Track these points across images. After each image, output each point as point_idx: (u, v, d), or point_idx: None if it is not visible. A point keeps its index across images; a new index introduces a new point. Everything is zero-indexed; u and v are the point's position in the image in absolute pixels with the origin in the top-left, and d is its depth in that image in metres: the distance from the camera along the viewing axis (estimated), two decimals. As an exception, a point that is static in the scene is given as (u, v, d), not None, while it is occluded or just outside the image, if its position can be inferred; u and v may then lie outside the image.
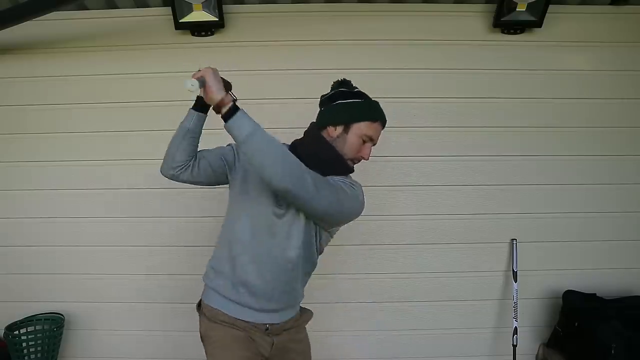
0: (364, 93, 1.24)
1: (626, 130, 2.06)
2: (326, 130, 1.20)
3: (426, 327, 2.18)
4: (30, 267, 2.11)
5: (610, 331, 1.84)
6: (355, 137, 1.18)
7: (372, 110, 1.22)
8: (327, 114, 1.21)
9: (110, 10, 1.98)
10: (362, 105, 1.21)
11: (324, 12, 1.98)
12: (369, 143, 1.21)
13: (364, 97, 1.22)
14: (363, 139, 1.19)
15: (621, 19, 2.00)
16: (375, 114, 1.21)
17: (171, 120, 2.01)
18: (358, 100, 1.21)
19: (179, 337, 2.14)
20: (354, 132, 1.18)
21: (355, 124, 1.18)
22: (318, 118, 1.24)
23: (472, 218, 2.10)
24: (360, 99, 1.21)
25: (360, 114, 1.19)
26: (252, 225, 1.17)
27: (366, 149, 1.20)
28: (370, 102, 1.23)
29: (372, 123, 1.19)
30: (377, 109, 1.23)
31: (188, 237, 2.09)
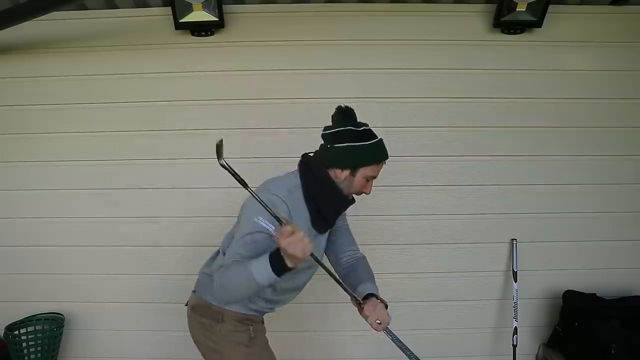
0: (370, 131, 1.25)
1: (626, 130, 2.06)
2: (333, 171, 1.22)
3: (426, 327, 2.18)
4: (30, 267, 2.11)
5: (610, 331, 1.84)
6: (361, 177, 1.22)
7: (378, 153, 1.24)
8: (334, 155, 1.21)
9: (110, 10, 1.98)
10: (369, 150, 1.22)
11: (323, 12, 1.98)
12: (370, 181, 1.26)
13: (370, 138, 1.23)
14: (367, 179, 1.24)
15: (621, 19, 2.00)
16: (381, 157, 1.24)
17: (171, 120, 2.03)
18: (365, 144, 1.21)
19: (179, 337, 2.14)
20: (360, 174, 1.22)
21: (359, 169, 1.22)
22: (324, 155, 1.24)
23: (472, 218, 2.10)
24: (367, 142, 1.22)
25: (368, 159, 1.22)
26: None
27: (369, 186, 1.26)
28: (377, 145, 1.24)
29: (377, 165, 1.24)
30: (383, 150, 1.25)
31: (188, 237, 2.09)
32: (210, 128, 2.03)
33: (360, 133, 1.22)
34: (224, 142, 1.05)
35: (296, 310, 2.03)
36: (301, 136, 1.87)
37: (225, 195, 2.04)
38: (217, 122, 2.02)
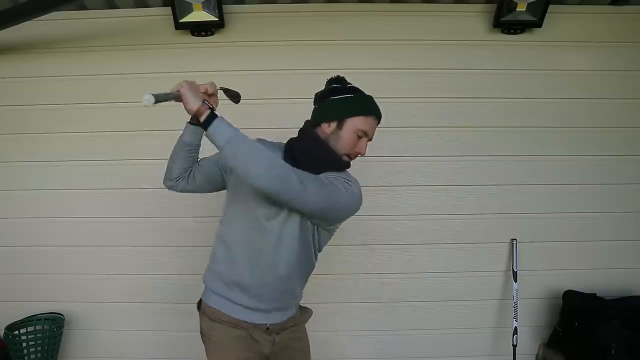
0: (357, 88, 1.23)
1: (626, 130, 2.06)
2: (320, 127, 1.19)
3: (426, 327, 2.18)
4: (30, 267, 2.11)
5: (610, 331, 1.84)
6: (349, 132, 1.16)
7: (365, 104, 1.20)
8: (320, 110, 1.21)
9: (110, 10, 1.98)
10: (354, 100, 1.19)
11: (323, 12, 1.98)
12: (364, 138, 1.19)
13: (356, 92, 1.21)
14: (358, 134, 1.17)
15: (621, 19, 2.00)
16: (368, 108, 1.20)
17: (171, 120, 2.02)
18: (350, 96, 1.20)
19: (179, 337, 2.14)
20: (347, 128, 1.16)
21: (348, 119, 1.16)
22: (312, 115, 1.25)
23: (472, 218, 2.10)
24: (353, 94, 1.20)
25: (353, 108, 1.18)
26: (243, 227, 1.17)
27: (361, 144, 1.19)
28: (363, 97, 1.22)
29: (365, 117, 1.18)
30: (371, 103, 1.21)
31: (188, 237, 2.09)
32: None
33: (347, 88, 1.21)
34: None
35: (296, 310, 2.03)
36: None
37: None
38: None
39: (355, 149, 1.18)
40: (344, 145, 1.17)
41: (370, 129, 1.20)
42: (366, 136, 1.19)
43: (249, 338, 1.18)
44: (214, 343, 1.22)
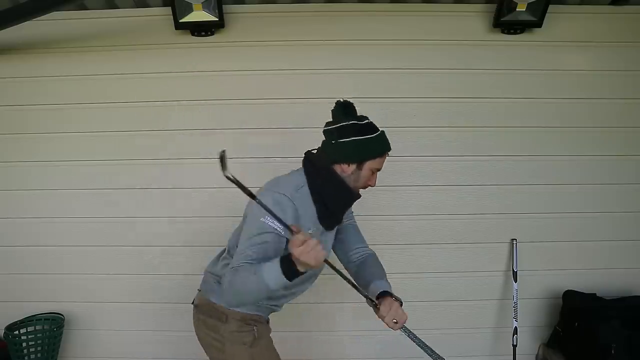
0: (372, 124, 1.24)
1: (626, 130, 2.06)
2: (340, 166, 1.22)
3: (426, 327, 2.17)
4: (30, 267, 2.11)
5: (610, 331, 1.84)
6: (367, 171, 1.23)
7: (383, 145, 1.25)
8: (341, 150, 1.20)
9: (110, 10, 1.98)
10: (374, 143, 1.22)
11: (323, 12, 1.98)
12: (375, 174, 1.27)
13: (374, 131, 1.23)
14: (373, 171, 1.25)
15: (621, 19, 2.00)
16: (385, 148, 1.25)
17: (171, 120, 2.03)
18: (370, 137, 1.21)
19: (179, 337, 2.14)
20: (367, 167, 1.23)
21: (365, 163, 1.22)
22: (329, 151, 1.22)
23: (472, 218, 2.10)
24: (372, 134, 1.22)
25: (374, 151, 1.22)
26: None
27: (374, 178, 1.27)
28: (381, 137, 1.24)
29: (382, 157, 1.24)
30: (386, 142, 1.26)
31: (188, 237, 2.09)
32: (210, 128, 2.03)
33: (364, 126, 1.22)
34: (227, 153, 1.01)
35: (295, 310, 2.03)
36: (301, 136, 1.86)
37: (226, 195, 2.04)
38: (217, 122, 2.02)
39: (368, 183, 1.26)
40: (362, 183, 1.25)
41: (382, 166, 1.27)
42: (379, 170, 1.27)
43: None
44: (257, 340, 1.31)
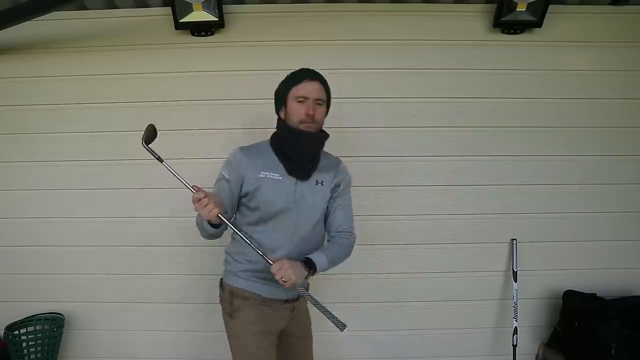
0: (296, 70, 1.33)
1: (626, 130, 2.06)
2: (279, 116, 1.36)
3: (426, 327, 2.18)
4: (30, 267, 2.11)
5: (610, 331, 1.84)
6: (292, 104, 1.28)
7: (294, 74, 1.31)
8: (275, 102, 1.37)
9: (110, 10, 1.98)
10: (289, 77, 1.33)
11: (323, 12, 1.98)
12: (306, 102, 1.27)
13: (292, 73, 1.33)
14: (298, 101, 1.27)
15: (621, 19, 2.00)
16: (295, 77, 1.30)
17: (171, 120, 2.03)
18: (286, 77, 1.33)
19: (179, 337, 2.14)
20: (290, 103, 1.29)
21: (287, 98, 1.30)
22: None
23: (472, 218, 2.10)
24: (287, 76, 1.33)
25: (286, 84, 1.31)
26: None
27: (305, 107, 1.27)
28: (292, 73, 1.32)
29: (297, 85, 1.28)
30: (300, 71, 1.31)
31: (189, 237, 2.09)
32: (210, 128, 2.03)
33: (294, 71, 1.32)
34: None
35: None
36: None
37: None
38: (217, 122, 2.02)
39: (303, 114, 1.26)
40: (294, 117, 1.28)
41: (308, 91, 1.27)
42: (307, 99, 1.27)
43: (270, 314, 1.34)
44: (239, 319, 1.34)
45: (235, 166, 1.31)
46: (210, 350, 2.13)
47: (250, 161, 1.30)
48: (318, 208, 1.34)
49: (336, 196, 1.38)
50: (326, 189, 1.35)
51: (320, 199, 1.34)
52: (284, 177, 1.29)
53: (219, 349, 2.09)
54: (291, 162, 1.30)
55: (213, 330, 2.08)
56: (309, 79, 1.28)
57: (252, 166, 1.29)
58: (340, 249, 1.35)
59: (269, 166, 1.30)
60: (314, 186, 1.32)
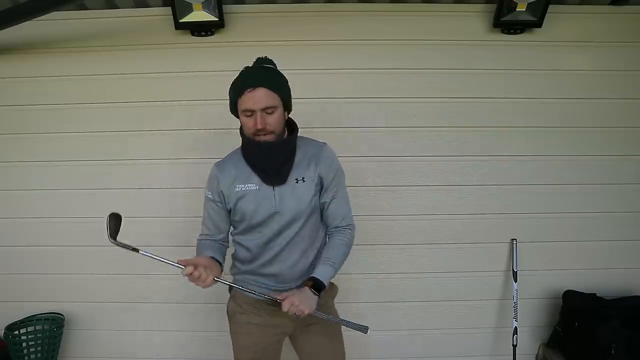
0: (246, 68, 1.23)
1: (626, 130, 2.06)
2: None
3: (426, 327, 2.18)
4: (30, 267, 2.11)
5: (610, 331, 1.84)
6: (241, 117, 1.20)
7: (234, 84, 1.20)
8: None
9: (110, 10, 1.98)
10: (231, 86, 1.21)
11: (323, 12, 1.98)
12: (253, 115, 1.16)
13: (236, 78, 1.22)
14: (246, 115, 1.17)
15: (621, 19, 2.00)
16: (236, 87, 1.18)
17: (171, 120, 2.03)
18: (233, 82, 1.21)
19: (179, 337, 2.15)
20: (240, 116, 1.21)
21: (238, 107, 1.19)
22: None
23: (472, 218, 2.10)
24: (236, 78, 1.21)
25: (231, 97, 1.20)
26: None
27: (253, 120, 1.16)
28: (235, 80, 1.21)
29: (240, 97, 1.17)
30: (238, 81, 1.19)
31: (188, 237, 2.09)
32: (211, 128, 2.03)
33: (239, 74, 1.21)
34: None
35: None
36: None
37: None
38: (217, 122, 2.02)
39: (249, 127, 1.18)
40: (246, 130, 1.21)
41: (253, 104, 1.15)
42: (253, 112, 1.16)
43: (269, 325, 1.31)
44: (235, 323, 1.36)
45: (214, 184, 1.29)
46: (210, 351, 2.13)
47: (225, 176, 1.27)
48: (303, 206, 1.24)
49: (324, 189, 1.28)
50: (309, 184, 1.24)
51: (304, 196, 1.24)
52: (261, 186, 1.24)
53: (219, 349, 2.10)
54: (263, 172, 1.23)
55: (213, 331, 2.08)
56: (250, 90, 1.14)
57: (227, 181, 1.26)
58: (341, 249, 1.31)
59: (244, 178, 1.25)
60: (295, 185, 1.23)
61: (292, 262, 1.27)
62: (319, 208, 1.31)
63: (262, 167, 1.23)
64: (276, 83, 1.19)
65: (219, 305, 2.12)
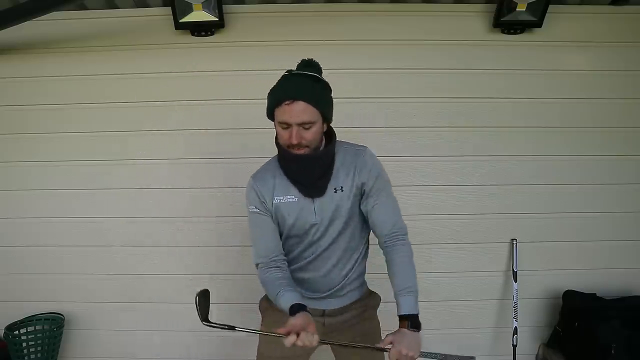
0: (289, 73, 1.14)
1: (626, 130, 2.06)
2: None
3: (426, 327, 2.14)
4: (30, 267, 2.11)
5: (610, 331, 1.84)
6: (277, 127, 1.13)
7: (273, 92, 1.12)
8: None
9: (110, 10, 1.98)
10: (272, 92, 1.13)
11: (323, 12, 1.98)
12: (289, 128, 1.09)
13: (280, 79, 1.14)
14: (283, 127, 1.11)
15: (621, 19, 2.00)
16: (275, 94, 1.11)
17: (171, 120, 2.03)
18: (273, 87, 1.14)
19: (180, 337, 2.14)
20: (275, 124, 1.14)
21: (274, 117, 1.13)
22: None
23: (472, 218, 2.10)
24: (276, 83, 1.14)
25: (268, 102, 1.13)
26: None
27: (289, 134, 1.09)
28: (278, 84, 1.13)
29: (278, 107, 1.09)
30: (278, 88, 1.12)
31: (188, 237, 2.09)
32: (211, 128, 2.03)
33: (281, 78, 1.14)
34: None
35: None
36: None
37: (226, 195, 2.04)
38: (218, 122, 2.02)
39: (284, 141, 1.12)
40: (282, 141, 1.14)
41: (290, 117, 1.07)
42: (289, 126, 1.09)
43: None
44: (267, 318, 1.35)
45: (256, 197, 1.22)
46: (210, 351, 2.13)
47: (264, 187, 1.21)
48: (343, 215, 1.21)
49: (366, 196, 1.22)
50: (348, 194, 1.19)
51: (342, 206, 1.20)
52: (299, 197, 1.19)
53: (219, 349, 2.10)
54: (300, 184, 1.18)
55: (214, 331, 2.08)
56: (289, 102, 1.06)
57: (266, 193, 1.21)
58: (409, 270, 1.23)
59: (282, 189, 1.20)
60: (333, 195, 1.19)
61: (324, 270, 1.25)
62: (358, 218, 1.26)
63: (301, 179, 1.18)
64: (317, 96, 1.09)
65: (219, 305, 2.12)
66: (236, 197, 2.03)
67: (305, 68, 1.14)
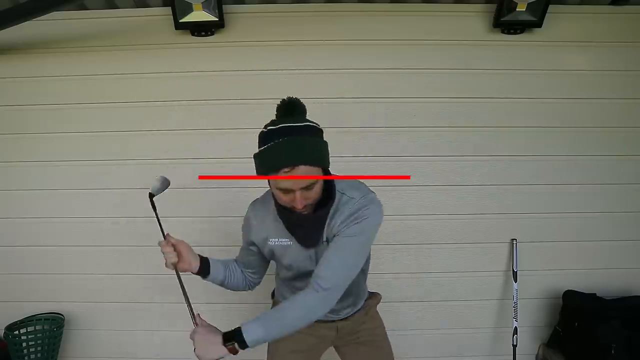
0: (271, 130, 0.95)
1: (626, 130, 2.06)
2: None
3: (426, 327, 2.18)
4: (30, 267, 2.11)
5: (610, 331, 1.84)
6: (274, 190, 1.00)
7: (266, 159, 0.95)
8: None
9: (110, 10, 1.98)
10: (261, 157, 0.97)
11: (324, 12, 1.98)
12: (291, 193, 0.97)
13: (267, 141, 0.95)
14: (283, 192, 0.98)
15: (621, 19, 2.00)
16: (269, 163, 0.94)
17: (171, 120, 2.03)
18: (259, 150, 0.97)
19: (179, 337, 2.14)
20: (272, 187, 1.02)
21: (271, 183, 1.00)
22: None
23: (472, 218, 2.10)
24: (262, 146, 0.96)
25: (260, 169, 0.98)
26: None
27: (292, 199, 0.97)
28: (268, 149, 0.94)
29: (276, 173, 0.94)
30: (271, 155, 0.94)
31: (188, 236, 2.08)
32: (211, 128, 2.03)
33: (265, 134, 0.96)
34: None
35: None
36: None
37: (226, 195, 2.04)
38: (217, 122, 2.02)
39: (291, 204, 1.00)
40: (281, 202, 1.02)
41: (291, 185, 0.95)
42: (291, 191, 0.96)
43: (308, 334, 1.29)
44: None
45: (247, 231, 1.21)
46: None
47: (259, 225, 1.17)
48: None
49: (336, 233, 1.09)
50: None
51: None
52: (294, 243, 1.13)
53: (219, 349, 2.10)
54: (295, 234, 1.11)
55: (213, 330, 2.08)
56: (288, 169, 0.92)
57: (261, 233, 1.17)
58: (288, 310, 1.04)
59: (277, 232, 1.14)
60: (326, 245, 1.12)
61: None
62: None
63: (297, 230, 1.10)
64: (317, 153, 0.97)
65: (220, 306, 2.13)
66: (237, 197, 2.03)
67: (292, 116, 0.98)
